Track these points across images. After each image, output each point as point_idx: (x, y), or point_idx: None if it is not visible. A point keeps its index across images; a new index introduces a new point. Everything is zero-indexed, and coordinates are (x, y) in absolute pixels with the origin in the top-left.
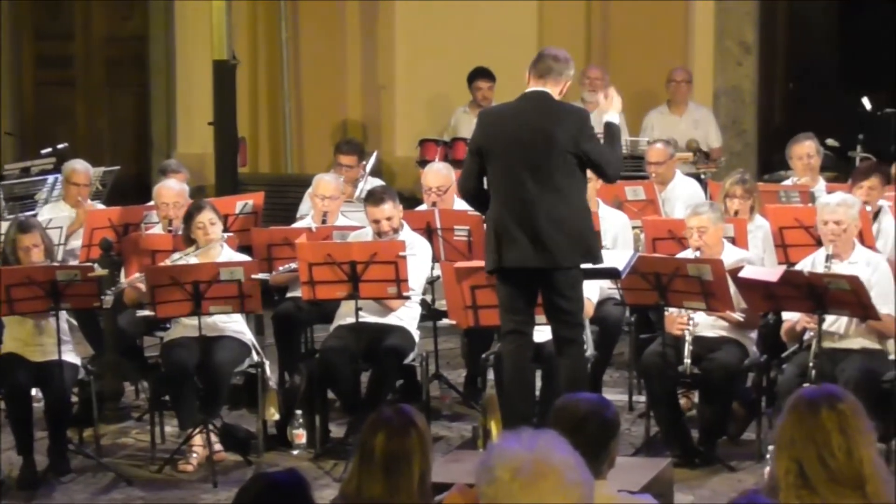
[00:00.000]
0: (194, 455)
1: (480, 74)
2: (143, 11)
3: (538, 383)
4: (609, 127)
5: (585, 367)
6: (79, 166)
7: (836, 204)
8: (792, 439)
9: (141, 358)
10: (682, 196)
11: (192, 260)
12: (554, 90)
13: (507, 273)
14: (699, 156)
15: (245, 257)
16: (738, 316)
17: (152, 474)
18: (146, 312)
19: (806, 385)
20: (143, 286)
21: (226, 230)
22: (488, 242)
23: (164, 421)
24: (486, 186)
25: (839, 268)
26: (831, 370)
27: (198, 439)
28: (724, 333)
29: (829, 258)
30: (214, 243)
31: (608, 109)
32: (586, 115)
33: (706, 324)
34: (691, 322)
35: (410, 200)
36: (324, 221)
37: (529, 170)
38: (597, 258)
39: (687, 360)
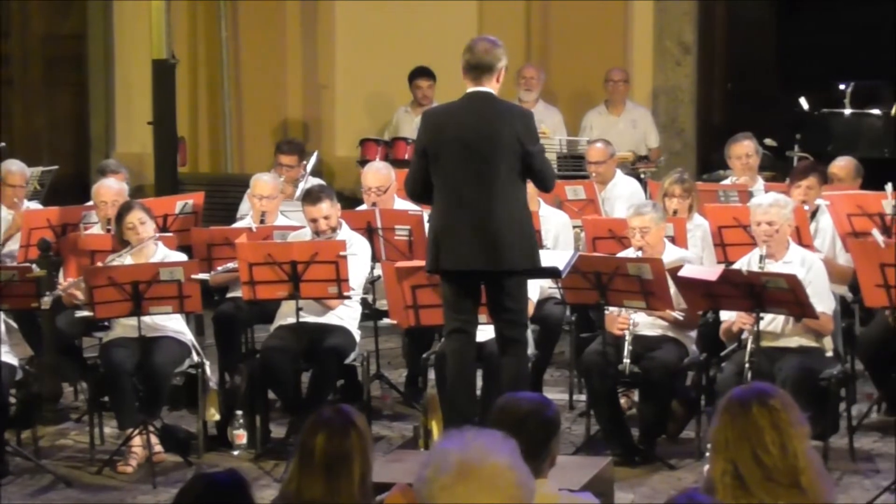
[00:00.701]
0: (134, 456)
1: (421, 73)
2: (81, 10)
3: (479, 382)
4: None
5: (527, 367)
6: (13, 167)
7: (769, 205)
8: (726, 440)
9: (80, 359)
10: (622, 195)
11: (127, 260)
12: (492, 85)
13: (451, 273)
14: (637, 156)
15: (182, 256)
16: (677, 315)
17: (91, 476)
18: (85, 313)
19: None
20: (79, 293)
21: (165, 230)
22: (428, 243)
23: (103, 422)
24: None
25: (773, 268)
26: (769, 369)
27: (137, 440)
28: (663, 332)
29: (762, 258)
30: (147, 243)
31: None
32: (531, 116)
33: (646, 323)
34: (631, 322)
35: (351, 200)
36: (262, 221)
37: (473, 171)
38: (536, 261)
39: (626, 360)
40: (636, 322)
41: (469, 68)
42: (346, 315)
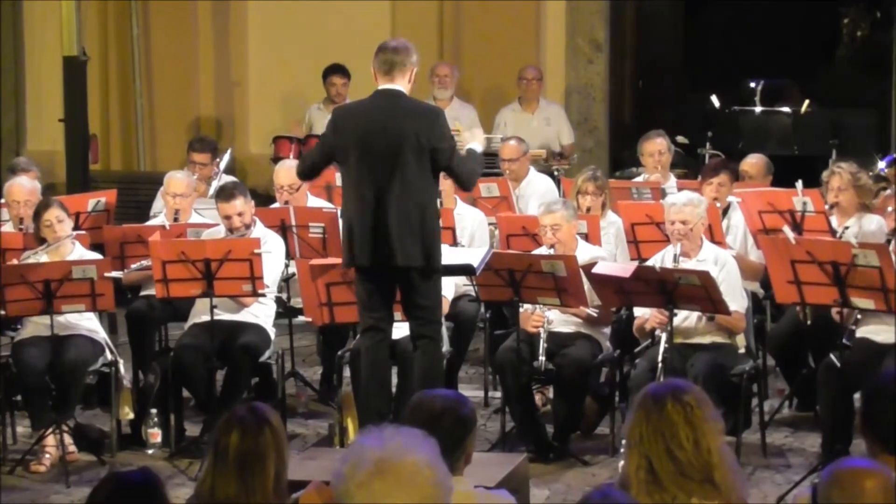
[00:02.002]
0: (47, 455)
1: (334, 70)
2: None
3: (394, 380)
4: (470, 151)
5: (441, 364)
6: None
7: (682, 204)
8: (640, 436)
9: None
10: (536, 192)
11: (43, 258)
12: (403, 83)
13: (364, 270)
14: (551, 153)
15: (97, 255)
16: (591, 311)
17: (4, 476)
18: None
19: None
20: None
21: (77, 228)
22: (343, 239)
23: (15, 421)
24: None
25: (688, 266)
26: (682, 365)
27: (50, 439)
28: (577, 329)
29: (676, 257)
30: (64, 241)
31: (473, 139)
32: (440, 113)
33: (560, 320)
34: (546, 319)
35: (265, 198)
36: (176, 219)
37: (381, 169)
38: (433, 260)
39: (541, 357)
40: (550, 319)
41: (380, 65)
42: (261, 313)
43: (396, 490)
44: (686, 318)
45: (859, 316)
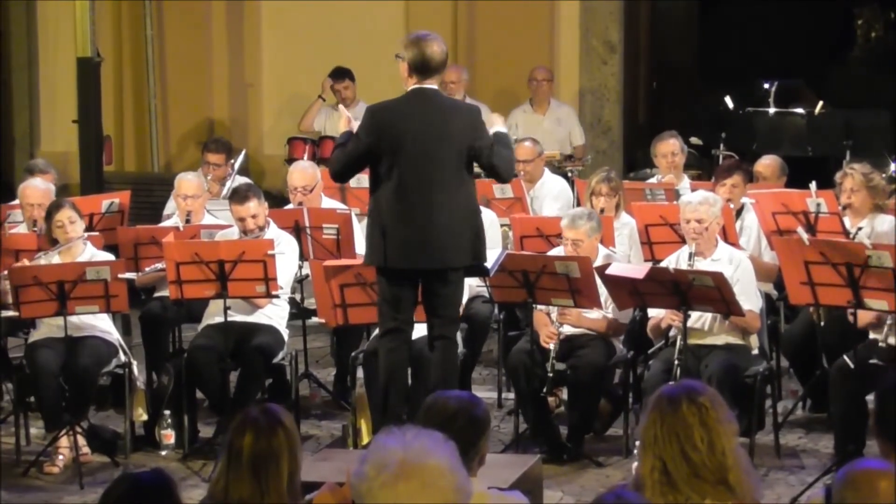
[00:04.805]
0: (60, 457)
1: (335, 78)
2: (2, 8)
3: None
4: (497, 135)
5: (458, 365)
6: None
7: (698, 202)
8: (655, 437)
9: (5, 359)
10: (550, 194)
11: (55, 259)
12: (436, 82)
13: (393, 272)
14: (563, 156)
15: (110, 256)
16: (601, 318)
17: (18, 477)
18: (10, 313)
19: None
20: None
21: (91, 229)
22: (373, 237)
23: (29, 423)
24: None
25: (702, 265)
26: (696, 366)
27: (64, 441)
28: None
29: (691, 256)
30: (76, 242)
31: (495, 124)
32: (479, 111)
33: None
34: (560, 333)
35: (279, 199)
36: (188, 221)
37: (423, 169)
38: (479, 257)
39: (554, 359)
40: (564, 334)
41: (420, 66)
42: (275, 314)
43: (420, 493)
44: (700, 317)
45: (889, 322)
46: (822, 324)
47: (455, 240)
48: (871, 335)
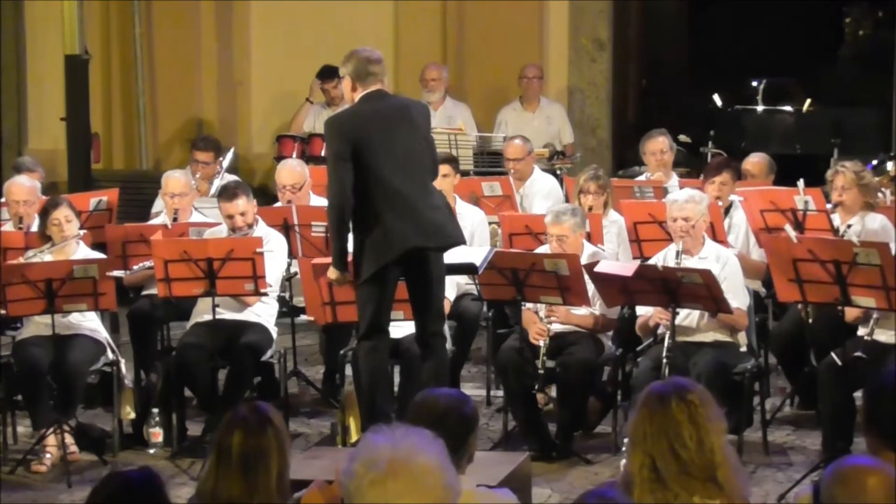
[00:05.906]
0: (48, 455)
1: (322, 77)
2: None
3: (395, 379)
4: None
5: (448, 362)
6: None
7: (685, 201)
8: (644, 434)
9: None
10: (540, 192)
11: (47, 257)
12: (380, 86)
13: (385, 272)
14: (553, 151)
15: (100, 255)
16: (589, 314)
17: (5, 475)
18: None
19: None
20: None
21: (80, 227)
22: (372, 241)
23: (16, 421)
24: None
25: (689, 263)
26: (684, 363)
27: (52, 439)
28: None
29: (678, 254)
30: (70, 240)
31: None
32: (427, 107)
33: (564, 328)
34: (549, 330)
35: (268, 197)
36: (175, 219)
37: (399, 155)
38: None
39: (544, 356)
40: (553, 332)
41: (363, 70)
42: (263, 312)
43: (409, 491)
44: (688, 315)
45: (875, 316)
46: (811, 321)
47: (448, 218)
48: (859, 331)
